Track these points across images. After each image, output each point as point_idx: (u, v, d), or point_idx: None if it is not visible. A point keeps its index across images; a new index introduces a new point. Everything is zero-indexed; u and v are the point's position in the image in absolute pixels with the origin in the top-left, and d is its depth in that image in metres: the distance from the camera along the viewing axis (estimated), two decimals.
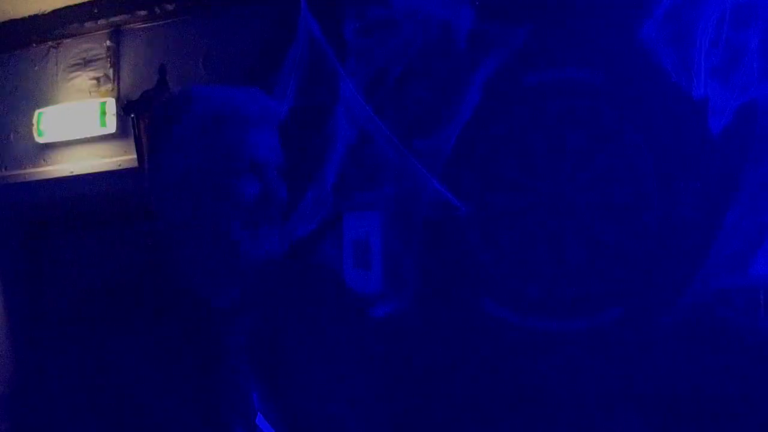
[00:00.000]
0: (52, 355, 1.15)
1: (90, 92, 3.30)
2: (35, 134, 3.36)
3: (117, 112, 3.21)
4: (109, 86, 3.26)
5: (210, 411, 1.11)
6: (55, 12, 3.33)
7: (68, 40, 3.37)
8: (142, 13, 3.16)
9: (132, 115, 3.09)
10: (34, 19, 3.39)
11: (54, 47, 3.40)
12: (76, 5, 3.27)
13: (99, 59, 3.29)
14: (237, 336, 1.19)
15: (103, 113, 3.22)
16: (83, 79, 3.33)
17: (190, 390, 1.12)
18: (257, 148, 1.23)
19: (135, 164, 3.12)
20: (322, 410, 1.19)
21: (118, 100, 3.22)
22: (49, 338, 1.19)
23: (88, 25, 3.28)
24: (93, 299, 1.23)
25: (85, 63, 3.32)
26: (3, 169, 3.49)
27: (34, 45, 3.43)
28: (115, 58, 3.25)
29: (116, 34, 3.26)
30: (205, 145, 1.21)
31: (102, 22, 3.25)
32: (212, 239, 1.20)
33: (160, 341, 1.14)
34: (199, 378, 1.13)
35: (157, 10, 3.12)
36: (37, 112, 3.36)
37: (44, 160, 3.39)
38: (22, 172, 3.43)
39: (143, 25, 3.20)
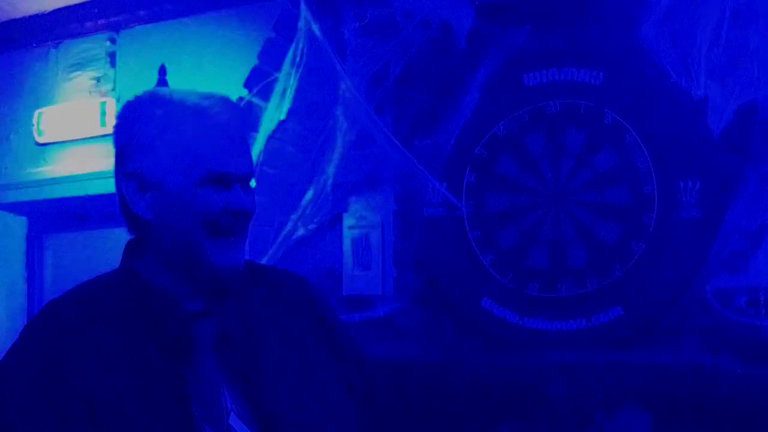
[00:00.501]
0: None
1: (90, 92, 3.30)
2: (35, 134, 3.36)
3: (117, 112, 3.20)
4: (109, 86, 3.26)
5: (180, 410, 1.10)
6: (55, 12, 3.33)
7: (68, 40, 3.37)
8: (142, 13, 3.16)
9: None
10: (34, 19, 3.38)
11: (54, 47, 3.40)
12: (76, 5, 3.27)
13: (99, 59, 3.29)
14: (209, 337, 1.17)
15: (103, 113, 3.21)
16: (83, 79, 3.33)
17: (161, 389, 1.11)
18: (222, 157, 1.18)
19: None
20: (311, 411, 1.17)
21: (118, 100, 3.22)
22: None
23: (88, 25, 3.28)
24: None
25: (85, 63, 3.32)
26: (3, 169, 3.48)
27: (34, 45, 3.43)
28: (115, 58, 3.25)
29: (116, 34, 3.26)
30: (169, 152, 1.17)
31: (102, 22, 3.25)
32: (178, 247, 1.18)
33: (137, 340, 1.14)
34: (172, 377, 1.13)
35: (157, 10, 3.12)
36: (37, 112, 3.36)
37: (44, 160, 3.39)
38: (22, 172, 3.43)
39: (143, 25, 3.20)
